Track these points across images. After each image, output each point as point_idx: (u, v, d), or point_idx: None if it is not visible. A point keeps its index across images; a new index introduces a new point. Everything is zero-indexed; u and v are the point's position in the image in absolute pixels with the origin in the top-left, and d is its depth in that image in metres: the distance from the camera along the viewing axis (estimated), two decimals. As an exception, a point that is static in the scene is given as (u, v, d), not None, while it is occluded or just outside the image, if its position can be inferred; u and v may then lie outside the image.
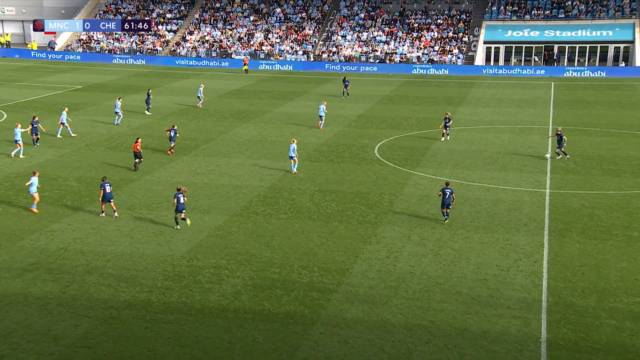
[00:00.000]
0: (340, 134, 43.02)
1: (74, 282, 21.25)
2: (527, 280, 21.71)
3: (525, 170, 34.79)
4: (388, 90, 61.63)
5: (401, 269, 22.54)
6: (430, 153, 38.27)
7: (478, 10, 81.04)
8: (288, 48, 79.24)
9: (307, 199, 29.81)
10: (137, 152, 33.34)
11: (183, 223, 26.11)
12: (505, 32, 76.43)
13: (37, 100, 53.50)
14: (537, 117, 49.33)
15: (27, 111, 48.88)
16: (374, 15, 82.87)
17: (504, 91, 61.40)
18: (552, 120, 48.19)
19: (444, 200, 26.51)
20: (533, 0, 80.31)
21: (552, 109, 52.67)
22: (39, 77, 66.59)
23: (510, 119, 48.53)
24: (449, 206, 26.64)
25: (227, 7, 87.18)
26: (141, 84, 63.12)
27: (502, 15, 78.59)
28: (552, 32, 75.42)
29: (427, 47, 77.06)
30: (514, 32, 76.13)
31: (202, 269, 22.38)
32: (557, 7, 78.83)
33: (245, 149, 38.67)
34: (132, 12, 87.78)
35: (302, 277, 21.90)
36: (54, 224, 26.40)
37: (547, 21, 77.01)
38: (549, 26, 76.26)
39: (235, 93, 58.93)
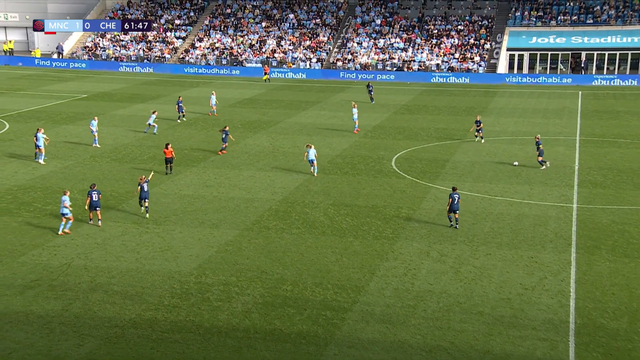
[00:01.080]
0: (355, 145, 43.08)
1: (77, 300, 21.37)
2: (554, 300, 21.56)
3: (551, 184, 34.63)
4: (406, 99, 61.67)
5: (419, 287, 22.46)
6: (450, 165, 38.21)
7: (501, 16, 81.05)
8: (301, 55, 79.61)
9: (320, 213, 29.85)
10: (169, 157, 35.06)
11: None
12: (530, 38, 76.34)
13: (41, 110, 54.08)
14: (564, 127, 49.13)
15: (31, 121, 49.41)
16: (391, 21, 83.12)
17: (528, 101, 61.23)
18: (580, 131, 47.98)
19: (452, 205, 27.38)
20: (560, 5, 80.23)
21: (579, 119, 52.44)
22: (43, 86, 67.33)
23: (534, 129, 48.36)
24: (456, 212, 27.49)
25: (238, 13, 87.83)
26: (148, 92, 63.64)
27: (526, 21, 78.53)
28: (580, 39, 75.23)
29: (447, 54, 77.12)
30: (539, 39, 76.02)
31: (211, 286, 22.44)
32: (585, 12, 78.68)
33: (256, 161, 38.83)
34: (140, 19, 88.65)
35: (315, 295, 21.89)
36: (57, 239, 26.61)
37: (575, 27, 76.86)
38: (577, 32, 76.09)
39: (246, 102, 59.24)
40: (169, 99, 60.23)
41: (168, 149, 35.16)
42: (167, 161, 35.38)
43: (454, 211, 27.52)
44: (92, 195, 27.89)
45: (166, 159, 35.36)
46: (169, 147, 35.23)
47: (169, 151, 35.16)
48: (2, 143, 42.51)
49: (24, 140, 43.17)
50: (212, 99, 52.17)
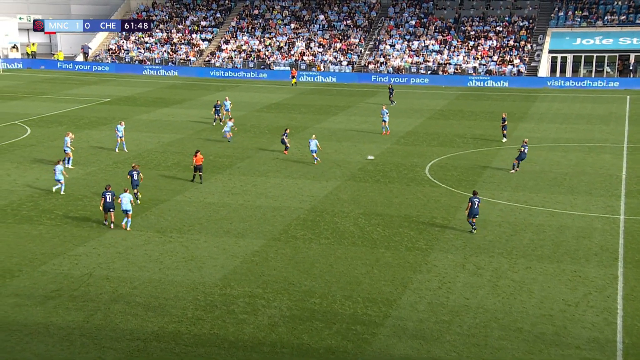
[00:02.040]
0: (387, 151, 43.02)
1: (98, 311, 21.61)
2: (599, 318, 21.25)
3: (596, 194, 34.20)
4: (441, 104, 61.43)
5: (455, 302, 22.32)
6: (488, 173, 37.95)
7: (542, 16, 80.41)
8: (331, 58, 79.79)
9: (351, 223, 29.83)
10: (198, 165, 34.97)
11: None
12: (574, 39, 75.60)
13: (63, 115, 54.94)
14: (610, 134, 48.51)
15: (53, 126, 50.23)
16: (425, 22, 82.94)
17: (572, 105, 60.57)
18: (627, 137, 47.33)
19: (472, 210, 28.09)
20: (607, 5, 79.31)
21: (627, 125, 51.74)
22: (65, 90, 68.41)
23: (578, 136, 47.82)
24: (476, 216, 28.23)
25: (266, 14, 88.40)
26: (173, 96, 64.28)
27: (570, 22, 77.80)
28: (629, 40, 74.27)
29: (484, 57, 76.69)
30: (584, 40, 75.23)
31: (236, 298, 22.53)
32: (635, 11, 77.65)
33: (284, 168, 38.97)
34: (165, 20, 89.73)
35: (345, 308, 21.86)
36: (78, 248, 26.96)
37: (623, 27, 75.92)
38: (625, 33, 75.15)
39: (273, 107, 59.51)
40: (194, 103, 60.76)
41: (197, 156, 34.96)
42: (197, 169, 35.18)
43: (473, 215, 28.17)
44: (106, 197, 28.67)
45: (195, 167, 35.17)
46: (199, 155, 35.08)
47: (199, 158, 34.96)
48: (24, 148, 43.26)
49: (46, 146, 43.88)
50: (227, 104, 52.00)
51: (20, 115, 54.16)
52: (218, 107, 50.79)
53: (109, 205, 28.67)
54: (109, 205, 28.66)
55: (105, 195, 28.69)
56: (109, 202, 28.65)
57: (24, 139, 46.14)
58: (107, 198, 28.65)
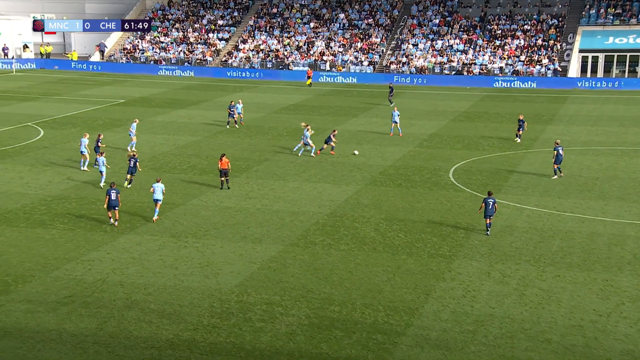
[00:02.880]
0: (409, 154, 42.95)
1: (112, 318, 21.77)
2: (633, 330, 21.06)
3: (629, 199, 33.91)
4: (465, 105, 61.24)
5: (480, 311, 22.22)
6: (514, 178, 37.77)
7: (573, 14, 79.91)
8: (352, 58, 79.85)
9: (371, 229, 29.81)
10: (224, 169, 34.99)
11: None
12: (606, 38, 75.03)
13: (76, 116, 55.44)
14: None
15: (66, 127, 50.70)
16: (450, 21, 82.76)
17: (603, 107, 60.11)
18: (660, 140, 46.88)
19: (487, 211, 28.61)
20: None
21: (660, 127, 51.28)
22: (79, 90, 69.04)
23: (610, 139, 47.44)
24: (491, 217, 28.77)
25: (284, 13, 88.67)
26: (189, 97, 64.63)
27: (601, 20, 77.23)
28: (664, 39, 73.65)
29: (511, 56, 76.35)
30: (616, 39, 74.65)
31: (253, 306, 22.59)
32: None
33: (302, 171, 39.04)
34: (181, 19, 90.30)
35: (365, 317, 21.85)
36: (92, 253, 27.18)
37: (657, 26, 75.25)
38: (660, 31, 74.49)
39: (292, 108, 59.64)
40: (211, 104, 61.04)
41: (223, 160, 34.87)
42: (222, 173, 35.06)
43: (488, 217, 28.70)
44: (110, 195, 29.40)
45: (221, 171, 35.05)
46: (224, 158, 34.96)
47: (225, 162, 34.87)
48: (37, 150, 43.70)
49: (59, 148, 44.31)
50: (238, 107, 51.77)
51: (34, 116, 54.74)
52: (232, 108, 50.87)
53: (114, 203, 29.41)
54: (113, 203, 29.41)
55: (110, 193, 29.46)
56: (113, 200, 29.42)
57: (37, 140, 46.62)
58: (111, 196, 29.44)
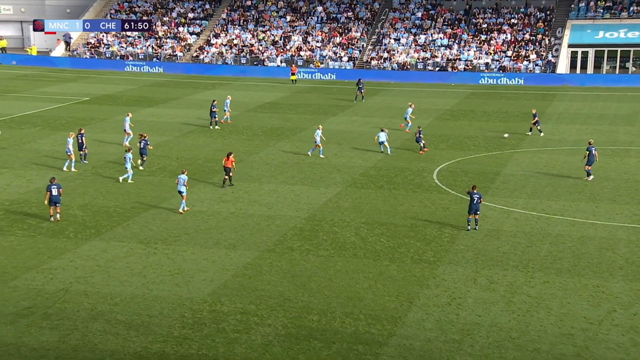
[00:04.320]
0: (392, 155, 43.07)
1: (75, 330, 21.59)
2: (625, 338, 21.26)
3: (621, 201, 34.25)
4: (450, 103, 61.53)
5: (465, 319, 22.33)
6: (501, 179, 38.00)
7: (561, 8, 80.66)
8: (331, 53, 79.97)
9: (352, 233, 29.85)
10: (228, 167, 35.87)
11: None
12: (596, 32, 75.75)
13: (37, 115, 54.96)
14: (636, 136, 48.60)
15: (25, 127, 50.25)
16: (433, 14, 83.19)
17: (594, 105, 60.68)
18: (653, 140, 47.41)
19: (472, 205, 29.21)
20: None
21: (652, 126, 51.90)
22: (40, 88, 68.46)
23: (601, 138, 47.89)
24: (477, 212, 29.40)
25: (259, 6, 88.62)
26: (158, 95, 64.34)
27: (591, 13, 77.98)
28: (656, 33, 74.41)
29: (497, 52, 76.89)
30: (607, 33, 75.38)
31: (227, 315, 22.53)
32: (664, 3, 77.80)
33: (279, 173, 39.00)
34: (149, 12, 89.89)
35: (345, 326, 21.86)
36: (54, 261, 26.94)
37: (650, 19, 76.06)
38: (652, 25, 75.27)
39: (268, 106, 59.59)
40: (181, 102, 60.79)
41: (229, 158, 35.64)
42: (226, 172, 35.97)
43: (474, 212, 29.36)
44: (51, 190, 30.08)
45: (225, 169, 35.94)
46: (231, 157, 35.73)
47: (230, 160, 35.60)
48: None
49: (18, 149, 43.90)
50: (227, 103, 52.26)
51: (-9, 115, 54.20)
52: (215, 108, 50.13)
53: (55, 199, 30.08)
54: (54, 199, 30.07)
55: (51, 189, 30.08)
56: (54, 196, 30.08)
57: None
58: (52, 192, 30.08)
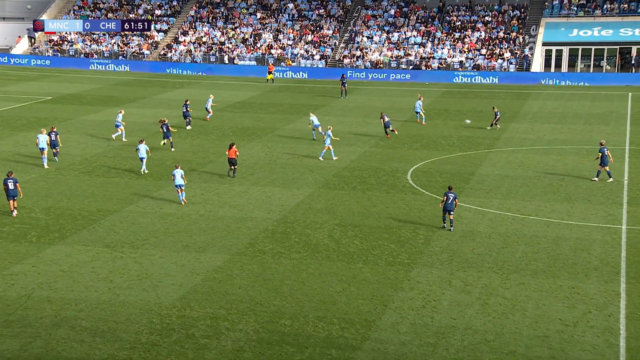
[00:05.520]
0: (365, 155, 43.19)
1: (38, 338, 21.39)
2: (600, 339, 21.50)
3: (595, 201, 34.63)
4: (424, 102, 61.73)
5: (440, 322, 22.45)
6: (476, 179, 38.26)
7: (535, 5, 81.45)
8: (302, 52, 80.00)
9: (325, 235, 29.89)
10: (232, 158, 37.52)
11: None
12: (570, 31, 76.60)
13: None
14: (610, 135, 49.17)
15: (-14, 128, 49.68)
16: (406, 11, 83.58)
17: (568, 104, 61.31)
18: (629, 139, 48.01)
19: (446, 205, 29.82)
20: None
21: (628, 125, 52.50)
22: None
23: (575, 137, 48.40)
24: (451, 212, 29.92)
25: (228, 3, 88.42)
26: (124, 94, 63.94)
27: (565, 11, 78.87)
28: (630, 31, 75.40)
29: (471, 50, 77.44)
30: (581, 31, 76.26)
31: (197, 321, 22.46)
32: (637, 0, 78.80)
33: (249, 174, 38.95)
34: (114, 8, 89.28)
35: (318, 330, 21.89)
36: (15, 266, 26.66)
37: (624, 17, 77.07)
38: (626, 23, 76.28)
39: (238, 106, 59.47)
40: (149, 102, 60.46)
41: (232, 149, 37.28)
42: (231, 162, 37.59)
43: (448, 211, 29.92)
44: (7, 184, 31.06)
45: (229, 160, 37.53)
46: (234, 147, 37.36)
47: (233, 151, 37.27)
48: (-47, 153, 42.69)
49: (-22, 150, 43.37)
50: (209, 102, 52.94)
51: (-51, 115, 53.49)
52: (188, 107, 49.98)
53: (12, 192, 31.06)
54: (12, 192, 31.05)
55: (7, 183, 31.08)
56: (11, 190, 31.05)
57: (-46, 142, 45.57)
58: (9, 185, 31.05)
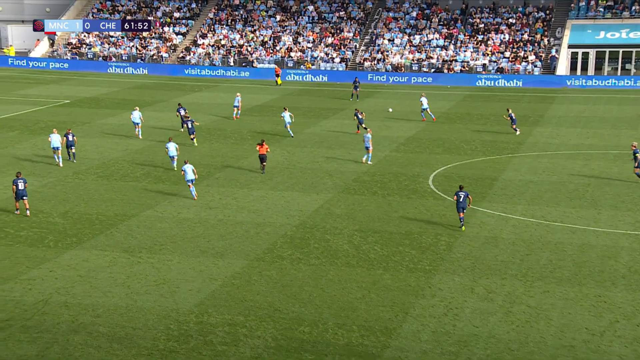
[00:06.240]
0: (386, 160, 43.14)
1: (55, 343, 21.52)
2: (628, 349, 21.33)
3: (623, 208, 34.38)
4: (446, 106, 61.66)
5: (462, 330, 22.37)
6: (499, 184, 38.11)
7: (561, 7, 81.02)
8: (322, 54, 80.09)
9: (344, 241, 29.87)
10: (263, 155, 39.18)
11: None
12: (597, 33, 76.09)
13: (15, 118, 54.83)
14: (639, 140, 48.72)
15: (3, 131, 50.10)
16: (428, 14, 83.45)
17: (595, 108, 60.92)
18: (656, 144, 47.60)
19: (459, 204, 30.69)
20: (634, -7, 80.00)
21: (655, 129, 52.14)
22: (18, 90, 68.25)
23: (602, 142, 48.08)
24: (464, 210, 30.80)
25: (248, 5, 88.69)
26: (142, 97, 64.26)
27: (592, 13, 78.35)
28: (660, 33, 74.76)
29: (495, 53, 77.16)
30: (608, 34, 75.73)
31: (215, 327, 22.51)
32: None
33: (268, 178, 39.01)
34: (133, 11, 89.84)
35: (338, 338, 21.87)
36: (32, 271, 26.85)
37: (653, 19, 76.40)
38: (656, 25, 75.59)
39: (256, 109, 59.59)
40: (167, 105, 60.74)
41: (263, 145, 39.00)
42: (261, 159, 39.32)
43: (462, 209, 30.80)
44: (17, 184, 31.69)
45: (260, 156, 39.25)
46: (264, 144, 39.16)
47: (264, 147, 39.03)
48: (-29, 157, 43.11)
49: (-4, 154, 43.77)
50: (237, 100, 55.03)
51: (-33, 119, 54.03)
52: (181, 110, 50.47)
53: (22, 192, 31.65)
54: (21, 192, 31.64)
55: (17, 183, 31.75)
56: (21, 190, 31.67)
57: (-29, 146, 46.01)
58: (19, 186, 31.71)
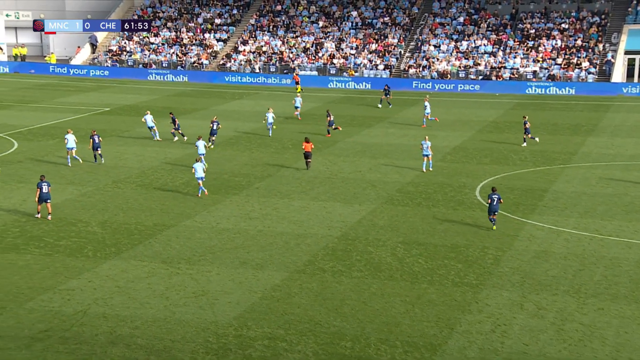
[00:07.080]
0: (431, 170, 42.92)
1: (93, 355, 21.74)
2: (684, 368, 20.93)
3: (680, 221, 33.79)
4: (494, 114, 61.23)
5: (511, 348, 22.12)
6: (550, 196, 37.69)
7: (617, 11, 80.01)
8: (366, 61, 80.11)
9: (387, 253, 29.77)
10: (308, 152, 41.80)
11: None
12: (654, 38, 75.05)
13: (55, 126, 55.70)
14: (696, 150, 47.95)
15: (43, 139, 50.94)
16: (476, 19, 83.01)
17: (650, 116, 60.06)
18: None
19: (492, 207, 31.90)
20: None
21: None
22: (58, 97, 69.40)
23: (658, 152, 47.35)
24: (496, 212, 32.03)
25: (289, 11, 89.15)
26: (182, 105, 64.86)
27: (649, 17, 77.28)
28: None
29: (546, 59, 76.45)
30: (667, 39, 74.67)
31: (254, 341, 22.55)
32: None
33: (310, 188, 39.06)
34: (174, 17, 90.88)
35: (380, 353, 21.77)
36: (71, 281, 27.19)
37: None
38: None
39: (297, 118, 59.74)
40: (207, 113, 61.21)
41: (308, 142, 41.76)
42: (306, 156, 41.88)
43: (493, 212, 31.94)
44: (41, 187, 32.64)
45: (305, 153, 41.87)
46: (309, 141, 41.88)
47: (310, 144, 41.69)
48: (9, 165, 43.87)
49: (35, 162, 44.49)
50: (298, 101, 58.79)
51: (6, 126, 55.01)
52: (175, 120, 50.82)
53: (46, 196, 32.51)
54: (45, 196, 32.50)
55: (41, 186, 32.62)
56: (45, 193, 32.52)
57: (10, 154, 46.80)
58: (43, 189, 32.58)
